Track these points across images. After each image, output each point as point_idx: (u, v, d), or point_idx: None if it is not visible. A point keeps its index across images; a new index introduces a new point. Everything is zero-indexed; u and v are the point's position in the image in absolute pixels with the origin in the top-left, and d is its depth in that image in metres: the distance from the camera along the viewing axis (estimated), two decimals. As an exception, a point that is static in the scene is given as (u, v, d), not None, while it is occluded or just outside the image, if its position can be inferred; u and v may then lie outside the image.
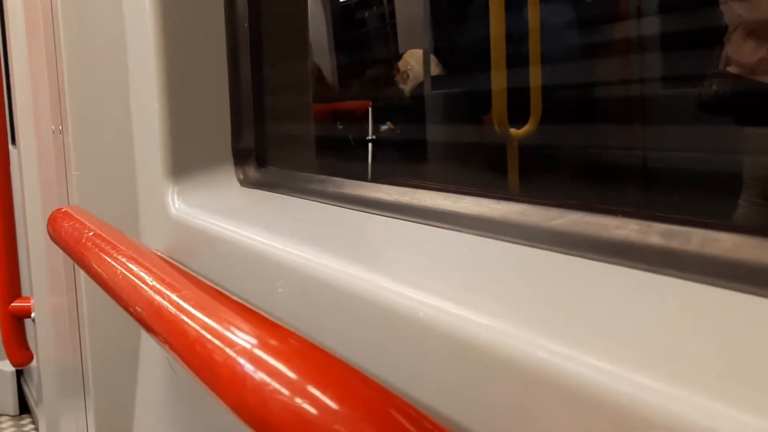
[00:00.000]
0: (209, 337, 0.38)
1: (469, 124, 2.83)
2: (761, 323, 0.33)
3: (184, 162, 0.86)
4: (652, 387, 0.30)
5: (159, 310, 0.43)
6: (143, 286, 0.47)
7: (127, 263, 0.51)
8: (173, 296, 0.43)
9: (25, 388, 2.73)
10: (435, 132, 3.11)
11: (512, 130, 2.28)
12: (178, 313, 0.41)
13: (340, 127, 3.52)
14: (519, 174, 2.32)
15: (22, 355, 1.44)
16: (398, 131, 3.33)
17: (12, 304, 1.43)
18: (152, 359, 0.95)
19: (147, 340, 0.98)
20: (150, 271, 0.48)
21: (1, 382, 2.74)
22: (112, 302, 0.99)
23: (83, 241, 0.61)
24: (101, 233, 0.61)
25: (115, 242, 0.57)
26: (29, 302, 1.42)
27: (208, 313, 0.40)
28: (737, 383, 0.29)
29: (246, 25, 0.84)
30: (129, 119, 0.94)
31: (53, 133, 1.07)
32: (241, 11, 0.85)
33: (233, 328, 0.38)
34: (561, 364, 0.34)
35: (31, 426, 2.62)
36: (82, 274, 1.01)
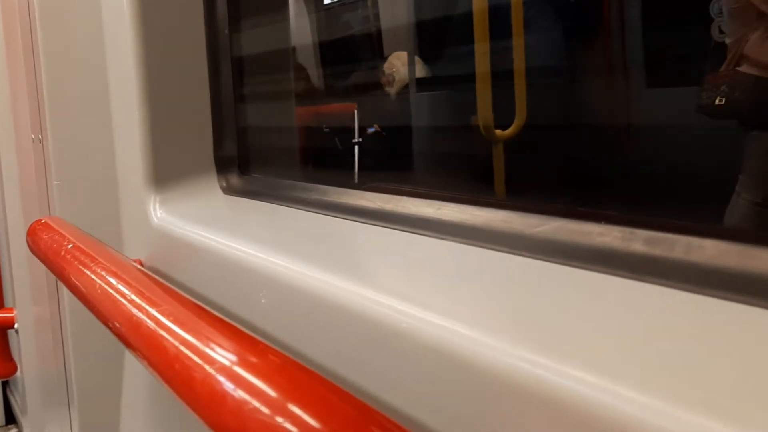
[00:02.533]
0: (188, 353, 0.38)
1: (454, 126, 2.82)
2: (745, 331, 0.33)
3: (166, 170, 0.85)
4: (634, 398, 0.30)
5: (138, 325, 0.42)
6: (122, 300, 0.46)
7: (106, 276, 0.50)
8: (152, 311, 0.43)
9: (11, 398, 2.70)
10: (421, 134, 3.11)
11: (497, 132, 2.28)
12: (157, 328, 0.40)
13: (326, 129, 3.51)
14: (504, 174, 2.32)
15: (6, 366, 1.43)
16: (384, 133, 3.33)
17: (-5, 315, 1.42)
18: (137, 367, 0.94)
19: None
20: (129, 285, 0.47)
21: (-13, 393, 2.71)
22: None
23: (62, 253, 0.60)
24: (81, 245, 0.60)
25: (94, 255, 0.57)
26: (12, 313, 1.41)
27: (188, 329, 0.39)
28: (720, 394, 0.29)
29: (226, 32, 0.84)
30: (110, 128, 0.93)
31: (33, 142, 1.06)
32: (221, 18, 0.85)
33: (213, 345, 0.37)
34: (543, 375, 0.34)
35: (18, 436, 2.59)
36: (64, 284, 1.00)
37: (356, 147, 3.31)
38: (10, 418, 2.71)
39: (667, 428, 0.28)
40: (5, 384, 2.71)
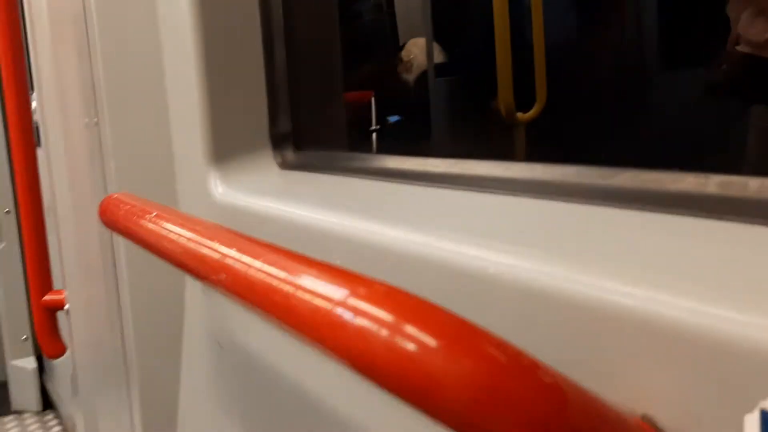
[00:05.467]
0: (303, 295, 0.41)
1: (475, 109, 2.85)
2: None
3: (224, 148, 0.88)
4: (726, 315, 0.33)
5: (246, 275, 0.46)
6: (224, 257, 0.50)
7: (202, 239, 0.54)
8: (258, 263, 0.46)
9: (48, 385, 2.76)
10: (440, 118, 3.13)
11: (519, 114, 2.30)
12: (267, 277, 0.44)
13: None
14: (527, 156, 2.34)
15: (55, 347, 1.48)
16: (404, 119, 3.35)
17: (45, 298, 1.46)
18: (196, 338, 0.98)
19: (190, 323, 1.01)
20: (228, 241, 0.51)
21: (25, 379, 2.77)
22: (154, 287, 1.02)
23: (146, 222, 0.64)
24: (163, 213, 0.64)
25: (180, 220, 0.60)
26: (62, 294, 1.45)
27: (297, 273, 0.43)
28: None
29: (280, 11, 0.87)
30: (165, 107, 0.97)
31: (87, 126, 1.10)
32: (274, -1, 0.88)
33: (324, 283, 0.41)
34: (632, 304, 0.37)
35: (56, 421, 2.65)
36: (122, 261, 1.04)
37: (373, 134, 3.34)
38: (46, 405, 2.77)
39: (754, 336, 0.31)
40: (41, 371, 2.78)
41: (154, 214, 0.63)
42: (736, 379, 0.33)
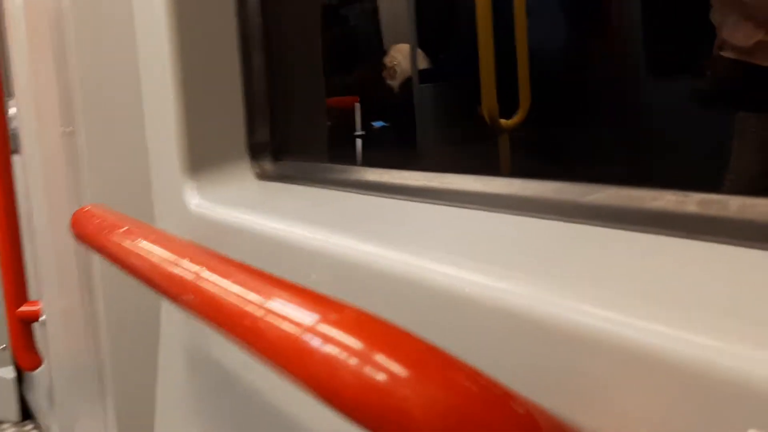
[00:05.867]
0: (271, 319, 0.40)
1: (459, 115, 2.85)
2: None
3: (200, 158, 0.87)
4: (702, 342, 0.32)
5: (213, 297, 0.44)
6: (192, 276, 0.48)
7: (170, 255, 0.52)
8: (226, 282, 0.45)
9: (27, 396, 2.72)
10: (424, 124, 3.13)
11: (502, 121, 2.30)
12: (236, 299, 0.42)
13: (328, 123, 3.52)
14: (511, 164, 2.34)
15: (31, 359, 1.45)
16: (389, 126, 3.35)
17: (20, 309, 1.44)
18: (172, 352, 0.96)
19: (166, 335, 0.99)
20: (197, 260, 0.49)
21: (4, 389, 2.73)
22: (130, 299, 1.00)
23: (117, 237, 0.62)
24: (133, 228, 0.62)
25: (151, 235, 0.59)
26: (37, 306, 1.43)
27: (267, 295, 0.41)
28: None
29: (258, 18, 0.85)
30: (141, 117, 0.95)
31: (63, 135, 1.08)
32: (252, 5, 0.86)
33: (293, 306, 0.40)
34: (610, 329, 0.36)
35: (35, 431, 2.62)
36: (97, 272, 1.02)
37: (359, 139, 3.33)
38: (25, 415, 2.73)
39: (744, 368, 0.30)
40: (20, 381, 2.73)
41: (124, 229, 0.61)
42: (717, 407, 0.32)
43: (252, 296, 0.42)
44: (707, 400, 0.32)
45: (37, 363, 1.49)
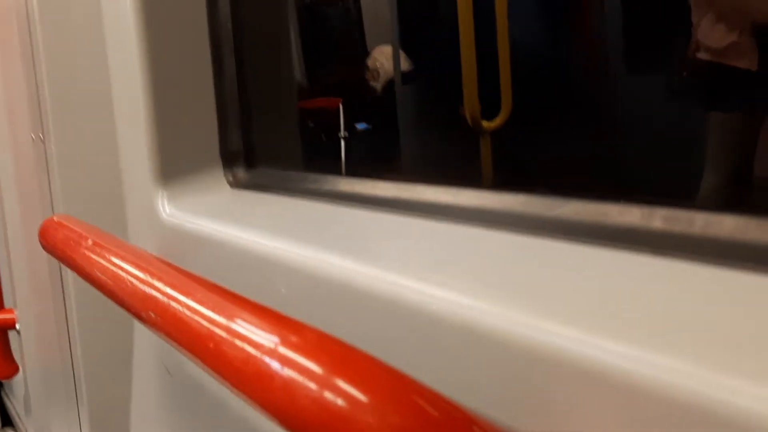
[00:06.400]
0: (231, 339, 0.39)
1: (441, 117, 2.84)
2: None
3: (173, 166, 0.85)
4: (660, 363, 0.32)
5: (175, 315, 0.43)
6: (154, 292, 0.47)
7: (134, 270, 0.51)
8: (188, 300, 0.44)
9: (6, 401, 2.69)
10: (408, 126, 3.13)
11: (484, 122, 2.30)
12: (196, 317, 0.42)
13: (311, 125, 3.52)
14: (492, 164, 2.34)
15: (8, 367, 1.43)
16: (372, 127, 3.34)
17: (-5, 317, 1.42)
18: (146, 363, 0.95)
19: (140, 345, 0.98)
20: (159, 277, 0.48)
21: (-17, 396, 2.69)
22: (103, 308, 0.99)
23: (82, 250, 0.61)
24: (100, 241, 0.61)
25: (116, 249, 0.57)
26: (13, 314, 1.41)
27: (227, 315, 0.40)
28: (745, 355, 0.30)
29: (229, 25, 0.84)
30: (113, 124, 0.94)
31: (33, 142, 1.06)
32: (223, 11, 0.85)
33: (253, 328, 0.39)
34: (575, 348, 0.35)
35: (15, 438, 2.58)
36: (70, 281, 1.00)
37: (342, 141, 3.33)
38: (6, 421, 2.70)
39: (697, 389, 0.30)
40: (0, 387, 2.70)
41: (90, 241, 0.60)
42: (679, 428, 0.31)
43: (213, 316, 0.42)
44: (672, 422, 0.31)
45: (13, 370, 1.47)
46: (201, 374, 0.81)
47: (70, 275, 1.02)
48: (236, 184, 0.86)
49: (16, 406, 2.51)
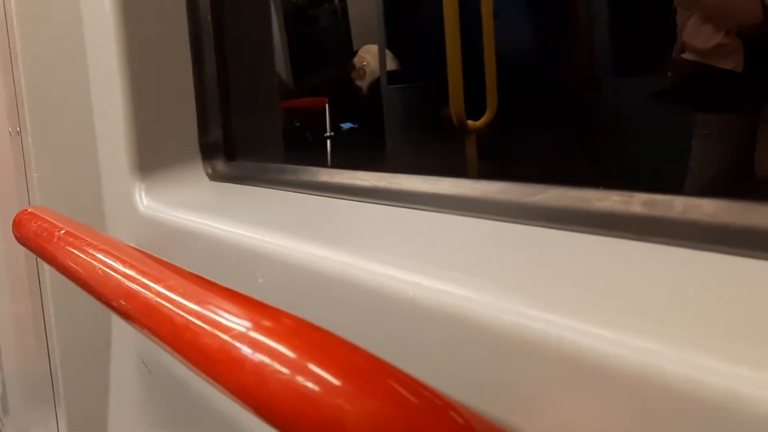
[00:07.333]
0: (202, 324, 0.38)
1: (427, 117, 2.84)
2: (748, 282, 0.34)
3: (151, 158, 0.84)
4: (643, 346, 0.31)
5: (145, 301, 0.42)
6: (123, 279, 0.46)
7: (105, 258, 0.50)
8: (158, 287, 0.43)
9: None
10: (393, 125, 3.12)
11: (470, 122, 2.29)
12: (165, 303, 0.41)
13: (297, 124, 3.51)
14: (478, 163, 2.34)
15: (-16, 366, 1.41)
16: (358, 127, 3.34)
17: (-29, 315, 1.40)
18: (124, 360, 0.94)
19: (118, 342, 0.96)
20: (130, 264, 0.47)
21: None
22: (80, 305, 0.97)
23: (54, 240, 0.60)
24: (73, 231, 0.60)
25: (88, 239, 0.56)
26: (-11, 312, 1.39)
27: (199, 300, 0.39)
28: (727, 337, 0.30)
29: (209, 17, 0.83)
30: (91, 117, 0.92)
31: (10, 135, 1.04)
32: (203, 4, 0.84)
33: (225, 313, 0.38)
34: (555, 333, 0.35)
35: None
36: (47, 277, 0.99)
37: (328, 140, 3.32)
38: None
39: (677, 372, 0.29)
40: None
41: (63, 231, 0.59)
42: (662, 415, 0.31)
43: (184, 302, 0.41)
44: (653, 406, 0.31)
45: (-10, 370, 1.45)
46: (179, 370, 0.79)
47: (47, 272, 1.00)
48: (215, 176, 0.85)
49: (-5, 407, 2.48)
